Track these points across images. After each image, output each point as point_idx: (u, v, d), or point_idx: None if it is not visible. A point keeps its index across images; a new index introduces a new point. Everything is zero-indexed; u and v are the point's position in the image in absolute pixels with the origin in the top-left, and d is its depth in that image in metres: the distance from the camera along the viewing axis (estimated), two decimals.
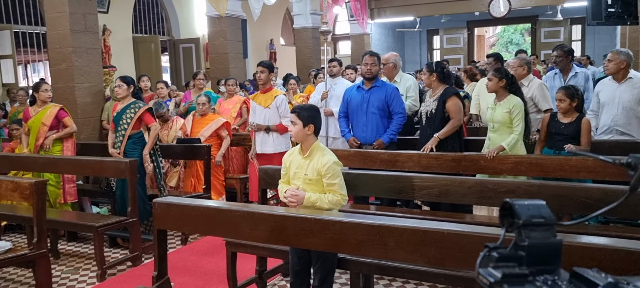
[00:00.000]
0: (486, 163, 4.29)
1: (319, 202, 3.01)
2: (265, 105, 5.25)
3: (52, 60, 7.00)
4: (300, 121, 3.08)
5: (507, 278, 0.67)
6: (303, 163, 3.12)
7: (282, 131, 5.25)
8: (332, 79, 6.08)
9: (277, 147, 5.25)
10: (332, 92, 5.94)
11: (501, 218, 0.80)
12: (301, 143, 3.14)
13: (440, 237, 2.38)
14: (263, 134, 5.28)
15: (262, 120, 5.28)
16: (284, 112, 5.21)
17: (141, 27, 12.35)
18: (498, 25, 21.91)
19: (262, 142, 5.30)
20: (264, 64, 5.29)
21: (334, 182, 3.04)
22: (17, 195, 3.96)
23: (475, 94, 6.23)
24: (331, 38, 18.19)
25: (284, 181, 3.27)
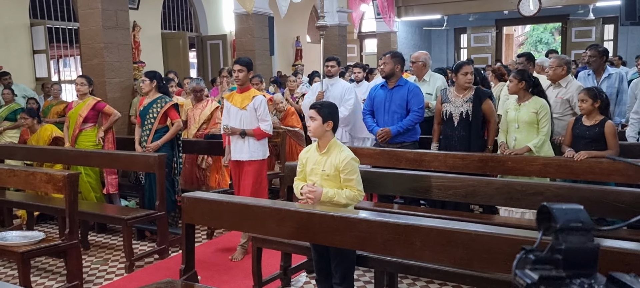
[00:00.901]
0: (514, 164, 4.24)
1: (337, 198, 3.03)
2: (241, 106, 4.59)
3: (84, 56, 7.16)
4: (320, 117, 3.11)
5: (544, 280, 0.68)
6: (320, 159, 3.14)
7: (259, 136, 4.60)
8: (329, 80, 5.88)
9: (253, 154, 4.59)
10: (328, 93, 5.70)
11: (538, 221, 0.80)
12: (319, 139, 3.17)
13: (467, 238, 2.37)
14: (237, 139, 4.61)
15: (237, 123, 4.60)
16: (263, 115, 4.60)
17: (170, 24, 12.51)
18: (527, 24, 21.55)
19: (237, 148, 4.61)
20: (241, 62, 4.66)
21: (351, 178, 3.06)
22: (50, 187, 4.07)
23: (503, 95, 6.16)
24: (357, 36, 18.16)
25: (300, 178, 3.30)
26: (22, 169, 4.39)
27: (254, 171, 4.58)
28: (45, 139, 5.81)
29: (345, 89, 5.78)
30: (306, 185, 3.11)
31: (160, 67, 11.32)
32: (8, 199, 5.37)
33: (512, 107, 4.58)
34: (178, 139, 5.37)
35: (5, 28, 9.12)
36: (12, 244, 3.71)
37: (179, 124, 5.26)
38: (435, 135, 4.94)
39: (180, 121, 5.30)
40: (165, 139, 5.18)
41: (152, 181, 5.01)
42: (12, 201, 5.41)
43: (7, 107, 7.25)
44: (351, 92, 5.77)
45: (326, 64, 5.88)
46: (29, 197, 5.46)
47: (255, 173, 4.58)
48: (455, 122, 4.70)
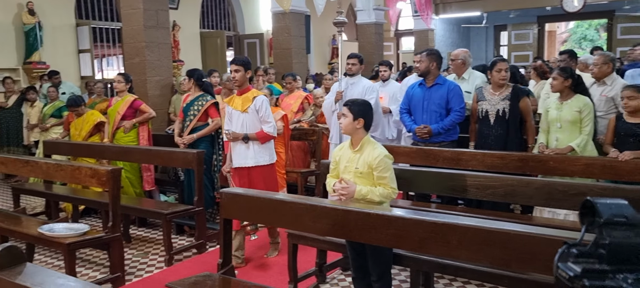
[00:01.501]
0: (555, 164, 4.13)
1: (370, 195, 3.02)
2: (242, 110, 4.32)
3: (127, 55, 7.36)
4: (351, 114, 3.11)
5: (587, 273, 0.67)
6: (353, 157, 3.14)
7: (263, 140, 4.33)
8: (350, 78, 5.63)
9: (259, 159, 4.33)
10: (349, 92, 5.45)
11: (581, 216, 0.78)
12: (351, 137, 3.17)
13: (506, 238, 2.33)
14: (241, 145, 4.34)
15: (239, 127, 4.35)
16: (265, 116, 4.32)
17: (208, 23, 12.73)
18: (571, 20, 20.92)
19: (240, 154, 4.36)
20: (237, 61, 4.35)
21: (385, 175, 3.05)
22: (95, 181, 4.21)
23: (544, 93, 6.01)
24: (394, 34, 18.04)
25: (333, 175, 3.30)
26: (68, 164, 4.55)
27: (261, 178, 4.32)
28: (91, 122, 6.00)
29: (366, 88, 5.51)
30: (339, 182, 3.11)
31: (199, 66, 11.54)
32: (55, 193, 5.59)
33: (553, 106, 4.46)
34: (218, 137, 5.46)
35: (53, 28, 9.47)
36: (59, 236, 3.85)
37: (217, 122, 5.35)
38: (472, 134, 4.87)
39: (219, 119, 5.38)
40: (201, 133, 5.27)
41: (191, 177, 5.11)
42: (59, 195, 5.62)
43: (51, 104, 7.54)
44: (373, 91, 5.49)
45: (347, 62, 5.65)
46: (73, 191, 5.66)
47: (263, 179, 4.33)
48: (491, 121, 4.62)
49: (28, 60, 9.02)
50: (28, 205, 6.54)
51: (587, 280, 0.66)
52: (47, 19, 9.28)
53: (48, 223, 4.34)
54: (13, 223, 4.30)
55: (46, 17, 9.24)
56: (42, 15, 9.10)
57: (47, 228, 3.99)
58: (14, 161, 4.92)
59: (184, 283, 3.11)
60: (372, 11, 12.76)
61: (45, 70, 8.98)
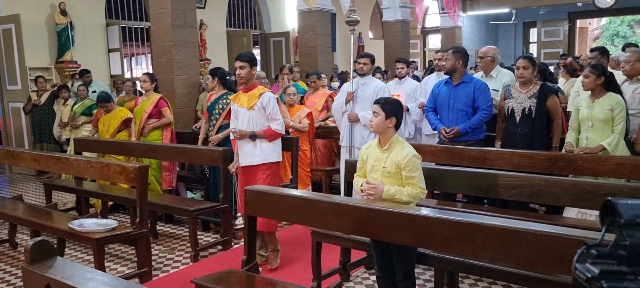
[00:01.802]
0: (585, 164, 4.04)
1: (398, 195, 3.00)
2: (248, 107, 4.25)
3: (155, 54, 7.48)
4: (383, 113, 3.08)
5: (605, 275, 0.65)
6: (381, 156, 3.11)
7: (271, 137, 4.28)
8: (361, 79, 5.46)
9: (266, 157, 4.27)
10: (360, 93, 5.35)
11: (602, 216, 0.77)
12: (380, 136, 3.14)
13: (532, 238, 2.29)
14: (247, 142, 4.27)
15: (246, 125, 4.28)
16: (273, 113, 4.26)
17: (234, 22, 12.84)
18: (604, 16, 20.40)
19: (247, 152, 4.29)
20: (243, 57, 4.23)
21: (413, 175, 3.02)
22: (123, 178, 4.29)
23: (574, 90, 5.89)
24: (420, 31, 17.89)
25: (360, 174, 3.28)
26: (97, 161, 4.66)
27: (267, 176, 4.24)
28: (119, 119, 6.13)
29: (378, 89, 5.31)
30: (367, 182, 3.10)
31: (226, 64, 11.65)
32: (85, 189, 5.72)
33: (584, 104, 4.35)
34: None
35: (84, 28, 9.69)
36: (89, 231, 3.94)
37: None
38: (499, 133, 4.80)
39: None
40: (226, 133, 5.32)
41: (217, 174, 5.17)
42: (89, 191, 5.76)
43: (82, 103, 7.71)
44: (385, 92, 5.30)
45: (358, 61, 5.46)
46: (102, 188, 5.79)
47: (269, 178, 4.24)
48: (517, 119, 4.55)
49: (60, 60, 9.25)
50: (59, 200, 6.71)
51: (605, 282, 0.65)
52: (79, 19, 9.50)
53: (78, 218, 4.44)
54: (45, 218, 4.42)
55: (77, 17, 9.46)
56: (73, 16, 9.32)
57: (77, 223, 4.08)
58: (47, 158, 5.05)
59: (209, 279, 3.15)
60: (398, 9, 12.69)
61: (76, 69, 9.19)
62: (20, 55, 8.47)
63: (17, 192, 7.40)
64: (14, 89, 8.74)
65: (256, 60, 4.30)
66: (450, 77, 4.87)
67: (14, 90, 8.76)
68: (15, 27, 8.39)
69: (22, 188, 7.90)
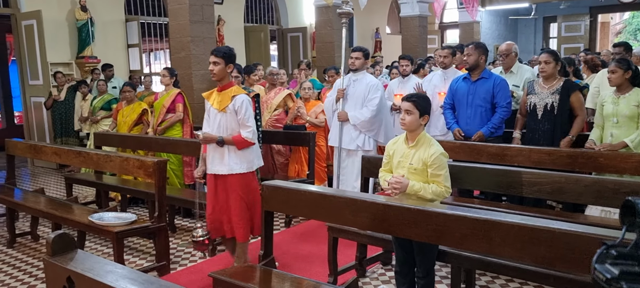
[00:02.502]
0: (606, 161, 3.98)
1: (423, 192, 2.98)
2: (219, 108, 3.79)
3: (173, 49, 7.53)
4: (417, 110, 3.04)
5: (624, 275, 0.64)
6: (408, 152, 3.09)
7: (240, 145, 3.76)
8: (354, 74, 5.10)
9: (234, 167, 3.78)
10: (351, 90, 5.03)
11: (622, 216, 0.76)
12: (408, 132, 3.11)
13: (550, 236, 2.27)
14: (215, 148, 3.81)
15: (216, 129, 3.81)
16: (245, 119, 3.75)
17: (252, 17, 12.88)
18: (626, 10, 20.00)
19: (214, 159, 3.82)
20: (218, 53, 3.77)
21: (439, 173, 3.00)
22: (141, 172, 4.34)
23: (594, 86, 5.80)
24: (438, 26, 17.74)
25: (386, 169, 3.27)
26: (117, 155, 4.72)
27: (235, 188, 3.81)
28: (137, 111, 6.31)
29: (370, 86, 4.99)
30: (393, 176, 3.08)
31: (243, 60, 11.69)
32: (105, 183, 5.81)
33: (609, 100, 4.27)
34: (258, 129, 5.52)
35: (104, 24, 9.80)
36: (108, 224, 4.00)
37: None
38: (518, 124, 4.73)
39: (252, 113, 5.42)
40: None
41: None
42: (109, 184, 5.84)
43: (101, 98, 7.82)
44: (377, 90, 4.97)
45: (351, 55, 5.10)
46: (122, 181, 5.87)
47: (238, 190, 3.81)
48: (539, 115, 4.48)
49: (80, 55, 9.37)
50: (80, 194, 6.83)
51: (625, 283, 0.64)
52: (99, 15, 9.61)
53: (98, 212, 4.51)
54: (66, 212, 4.49)
55: (97, 13, 9.57)
56: (93, 12, 9.43)
57: (97, 217, 4.15)
58: (67, 152, 5.14)
59: (226, 273, 3.18)
60: (416, 4, 12.60)
61: (96, 64, 9.31)
62: (41, 51, 8.61)
63: (39, 185, 7.53)
64: (36, 83, 8.89)
65: (234, 57, 3.84)
66: (469, 72, 4.82)
67: (35, 85, 8.91)
68: (36, 23, 8.52)
69: (44, 182, 8.04)
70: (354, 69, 5.05)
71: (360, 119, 4.90)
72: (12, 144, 5.79)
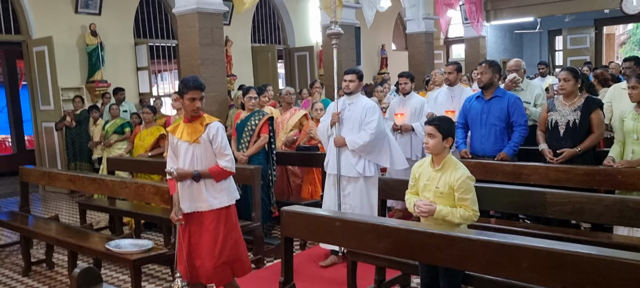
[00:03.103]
0: (624, 178, 3.95)
1: (450, 217, 2.97)
2: (191, 140, 3.48)
3: (183, 72, 7.58)
4: (440, 134, 3.05)
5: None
6: (434, 175, 3.09)
7: (219, 177, 3.50)
8: (348, 97, 4.75)
9: (213, 202, 3.49)
10: (347, 113, 4.69)
11: None
12: (434, 155, 3.11)
13: (578, 261, 2.24)
14: (190, 184, 3.48)
15: (188, 163, 3.49)
16: (222, 147, 3.49)
17: (259, 37, 12.97)
18: (631, 22, 20.00)
19: (192, 196, 3.50)
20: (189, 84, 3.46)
21: (466, 197, 2.98)
22: (157, 198, 4.34)
23: (607, 101, 5.76)
24: (444, 41, 17.79)
25: (412, 192, 3.26)
26: (132, 182, 4.72)
27: (217, 225, 3.50)
28: (155, 135, 6.35)
29: (367, 109, 4.66)
30: (421, 200, 3.07)
31: (251, 80, 11.75)
32: (119, 208, 5.81)
33: (629, 116, 4.23)
34: (272, 152, 5.53)
35: (113, 48, 9.89)
36: (125, 252, 3.99)
37: (265, 138, 5.39)
38: (540, 138, 4.67)
39: (266, 136, 5.40)
40: (251, 152, 5.34)
41: (248, 193, 5.19)
42: (123, 210, 5.84)
43: (113, 122, 7.85)
44: (374, 112, 4.65)
45: (344, 79, 4.75)
46: (135, 207, 5.86)
47: (218, 226, 3.50)
48: (560, 132, 4.44)
49: (91, 79, 9.45)
50: (93, 219, 6.83)
51: None
52: (108, 40, 9.70)
53: (113, 238, 4.50)
54: (82, 239, 4.49)
55: (107, 37, 9.66)
56: (103, 36, 9.52)
57: (114, 244, 4.14)
58: (82, 179, 5.15)
59: None
60: (421, 20, 12.66)
61: (106, 88, 9.39)
62: (52, 76, 8.69)
63: (51, 211, 7.55)
64: (47, 108, 8.95)
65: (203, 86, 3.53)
66: (482, 91, 4.81)
67: (46, 110, 8.97)
68: (48, 49, 8.62)
69: (56, 207, 8.06)
70: (349, 92, 4.70)
71: (359, 144, 4.56)
72: (26, 171, 5.81)
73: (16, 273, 5.16)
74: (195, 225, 3.52)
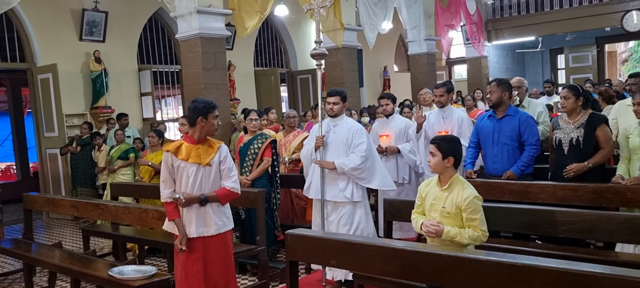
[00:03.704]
0: (634, 196, 3.89)
1: (459, 237, 2.92)
2: (203, 163, 3.45)
3: (187, 96, 7.61)
4: (440, 153, 3.03)
5: None
6: (441, 195, 3.05)
7: (226, 199, 3.51)
8: (332, 119, 4.60)
9: (221, 226, 3.51)
10: (332, 136, 4.54)
11: None
12: (439, 174, 3.08)
13: (592, 281, 2.19)
14: (197, 209, 3.46)
15: (195, 187, 3.45)
16: (228, 170, 3.50)
17: (262, 61, 13.04)
18: (632, 40, 20.08)
19: (198, 220, 3.47)
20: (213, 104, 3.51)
21: (475, 217, 2.94)
22: (161, 224, 4.28)
23: (612, 118, 5.73)
24: (446, 62, 17.86)
25: (419, 212, 3.21)
26: (136, 207, 4.69)
27: (226, 248, 3.57)
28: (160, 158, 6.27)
29: (353, 131, 4.50)
30: (429, 221, 3.03)
31: (254, 103, 11.77)
32: (122, 234, 5.76)
33: (635, 133, 4.19)
34: (276, 175, 5.49)
35: (117, 74, 9.95)
36: (128, 279, 3.93)
37: (268, 162, 5.36)
38: (551, 164, 4.65)
39: (270, 160, 5.37)
40: (254, 175, 5.30)
41: (253, 216, 5.15)
42: (126, 236, 5.79)
43: (118, 147, 7.84)
44: (361, 135, 4.49)
45: (327, 101, 4.59)
46: (139, 232, 5.81)
47: (228, 250, 3.59)
48: (565, 150, 4.40)
49: (95, 105, 9.48)
50: (96, 245, 6.78)
51: None
52: (112, 66, 9.76)
53: (116, 264, 4.45)
54: (84, 266, 4.43)
55: (111, 64, 9.72)
56: (107, 63, 9.58)
57: (117, 271, 4.07)
58: (85, 205, 5.12)
59: None
60: (423, 42, 12.71)
61: (111, 114, 9.41)
62: (57, 103, 8.72)
63: (55, 237, 7.50)
64: (51, 135, 8.97)
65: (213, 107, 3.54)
66: (493, 110, 4.77)
67: (51, 137, 8.99)
68: (52, 76, 8.66)
69: (59, 234, 8.01)
70: (333, 115, 4.55)
71: (349, 166, 4.39)
72: (30, 198, 5.78)
73: None
74: (198, 252, 3.45)
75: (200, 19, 7.19)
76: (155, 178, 6.30)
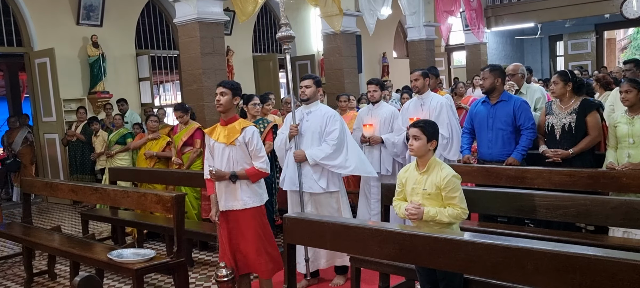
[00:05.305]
0: (629, 181, 3.92)
1: (439, 216, 3.00)
2: (227, 142, 3.74)
3: (185, 82, 7.60)
4: (425, 136, 3.08)
5: None
6: (420, 178, 3.12)
7: (254, 177, 3.76)
8: (306, 106, 4.41)
9: (247, 202, 3.76)
10: (306, 124, 4.35)
11: None
12: (418, 158, 3.14)
13: (586, 263, 2.22)
14: (227, 185, 3.76)
15: (224, 164, 3.76)
16: (257, 150, 3.73)
17: (260, 47, 13.00)
18: (632, 27, 20.03)
19: (228, 195, 3.78)
20: (226, 84, 3.79)
21: (454, 195, 3.01)
22: (160, 207, 4.32)
23: (608, 105, 5.74)
24: (445, 48, 17.82)
25: (400, 198, 3.28)
26: (134, 191, 4.71)
27: (252, 222, 3.80)
28: (162, 145, 6.47)
29: (327, 118, 4.31)
30: (410, 204, 3.09)
31: (253, 89, 11.77)
32: (121, 218, 5.79)
33: (623, 121, 4.22)
34: (275, 160, 5.51)
35: (115, 59, 9.92)
36: (128, 262, 3.97)
37: (269, 146, 5.38)
38: (541, 141, 4.65)
39: (271, 144, 5.40)
40: None
41: None
42: (125, 220, 5.82)
43: (117, 132, 7.84)
44: (335, 121, 4.31)
45: (300, 85, 4.44)
46: (138, 216, 5.85)
47: (255, 224, 3.81)
48: (557, 135, 4.44)
49: (93, 90, 9.47)
50: (95, 229, 6.81)
51: None
52: (110, 51, 9.73)
53: (115, 248, 4.48)
54: (84, 250, 4.47)
55: (109, 48, 9.70)
56: (105, 47, 9.55)
57: (116, 254, 4.11)
58: (84, 189, 5.14)
59: None
60: (422, 28, 12.67)
61: (108, 99, 9.40)
62: (54, 88, 8.70)
63: (53, 222, 7.53)
64: (49, 120, 8.96)
65: (240, 90, 3.86)
66: (487, 96, 4.79)
67: (49, 122, 8.98)
68: (49, 61, 8.64)
69: (58, 218, 8.04)
70: (306, 98, 4.35)
71: (321, 156, 4.22)
72: (29, 182, 5.80)
73: (18, 285, 5.14)
74: (232, 222, 3.83)
75: (199, 4, 7.15)
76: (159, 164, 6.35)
